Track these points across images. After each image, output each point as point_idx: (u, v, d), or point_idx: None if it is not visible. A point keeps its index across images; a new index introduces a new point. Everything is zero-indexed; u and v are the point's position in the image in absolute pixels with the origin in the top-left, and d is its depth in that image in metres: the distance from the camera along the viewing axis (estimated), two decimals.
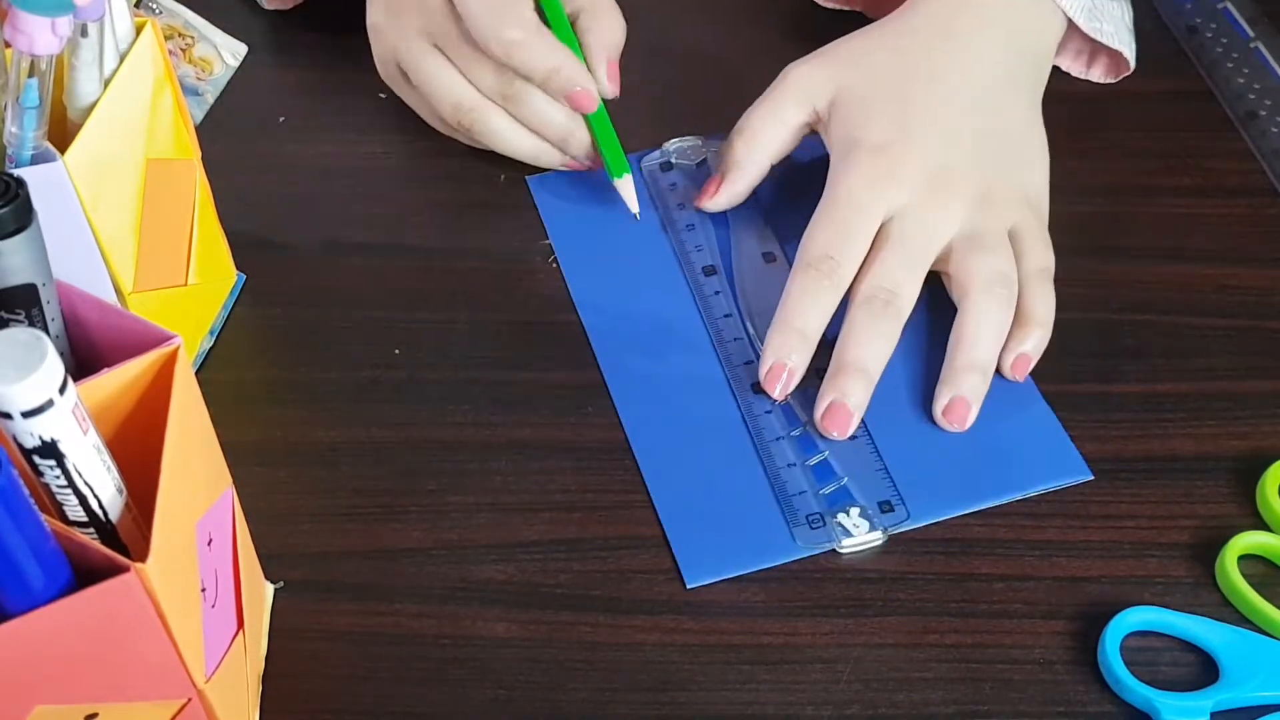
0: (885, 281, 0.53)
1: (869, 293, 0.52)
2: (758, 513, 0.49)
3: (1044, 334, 0.53)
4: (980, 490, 0.50)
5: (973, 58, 0.57)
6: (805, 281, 0.53)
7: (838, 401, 0.51)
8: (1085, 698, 0.45)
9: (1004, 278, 0.53)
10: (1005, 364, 0.53)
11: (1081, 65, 0.67)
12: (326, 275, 0.59)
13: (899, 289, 0.52)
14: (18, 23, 0.42)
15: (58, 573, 0.34)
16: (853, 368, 0.51)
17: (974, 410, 0.52)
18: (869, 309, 0.52)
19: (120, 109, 0.48)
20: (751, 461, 0.51)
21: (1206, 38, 0.69)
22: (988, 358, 0.53)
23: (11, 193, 0.36)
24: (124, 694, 0.37)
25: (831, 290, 0.53)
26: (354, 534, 0.50)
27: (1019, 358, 0.53)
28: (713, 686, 0.45)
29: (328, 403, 0.54)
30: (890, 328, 0.52)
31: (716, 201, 0.59)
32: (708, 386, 0.54)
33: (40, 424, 0.32)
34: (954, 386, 0.52)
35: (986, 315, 0.53)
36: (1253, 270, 0.58)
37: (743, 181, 0.59)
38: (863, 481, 0.50)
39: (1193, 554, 0.49)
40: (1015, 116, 0.58)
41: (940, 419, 0.52)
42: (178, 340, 0.38)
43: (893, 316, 0.52)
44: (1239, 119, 0.64)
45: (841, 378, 0.52)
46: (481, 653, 0.46)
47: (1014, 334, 0.53)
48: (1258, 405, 0.53)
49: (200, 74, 0.61)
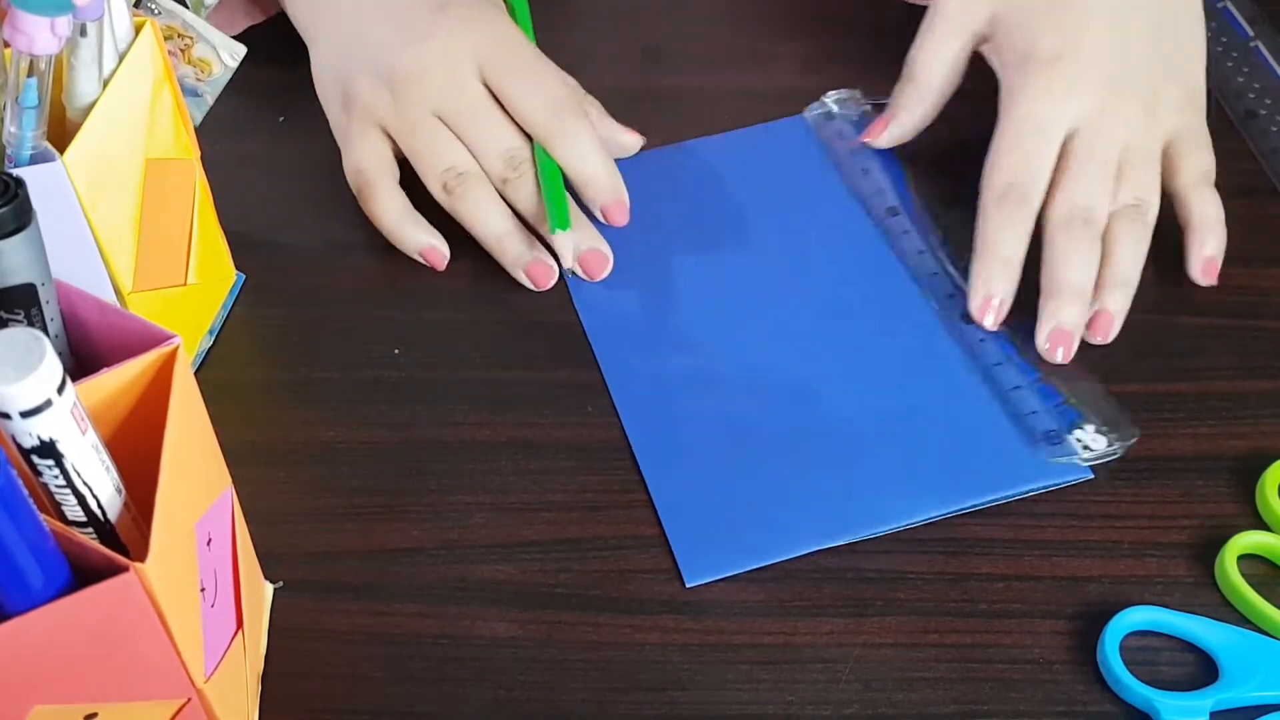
0: (1080, 200, 0.53)
1: (1067, 214, 0.53)
2: (766, 517, 0.49)
3: (1221, 234, 0.55)
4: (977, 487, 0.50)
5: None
6: (998, 213, 0.53)
7: (1057, 326, 0.52)
8: (1085, 697, 0.45)
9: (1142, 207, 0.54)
10: (1195, 270, 0.55)
11: None
12: (326, 275, 0.59)
13: (1095, 206, 0.53)
14: (17, 22, 0.42)
15: (57, 573, 0.34)
16: (1065, 290, 0.52)
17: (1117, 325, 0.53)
18: (1069, 231, 0.53)
19: (119, 109, 0.48)
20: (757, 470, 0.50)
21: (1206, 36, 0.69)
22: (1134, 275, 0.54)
23: (11, 192, 0.36)
24: (123, 694, 0.37)
25: (1026, 218, 0.53)
26: (354, 534, 0.50)
27: (1206, 262, 0.55)
28: (713, 686, 0.45)
29: (328, 403, 0.54)
30: (1092, 246, 0.53)
31: (881, 139, 0.59)
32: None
33: (39, 424, 0.32)
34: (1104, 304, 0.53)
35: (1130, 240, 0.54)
36: (1253, 270, 0.58)
37: (909, 121, 0.59)
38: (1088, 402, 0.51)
39: (1192, 554, 0.49)
40: (1175, 9, 0.57)
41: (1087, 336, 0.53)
42: (177, 340, 0.38)
43: (1093, 235, 0.53)
44: (1238, 118, 0.64)
45: (1055, 302, 0.53)
46: (481, 653, 0.46)
47: (1191, 242, 0.55)
48: (1258, 405, 0.53)
49: (199, 75, 0.61)
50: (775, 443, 0.51)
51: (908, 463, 0.50)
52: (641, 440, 0.52)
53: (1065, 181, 0.53)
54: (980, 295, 0.53)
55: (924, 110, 0.59)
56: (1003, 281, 0.53)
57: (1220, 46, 0.68)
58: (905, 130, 0.60)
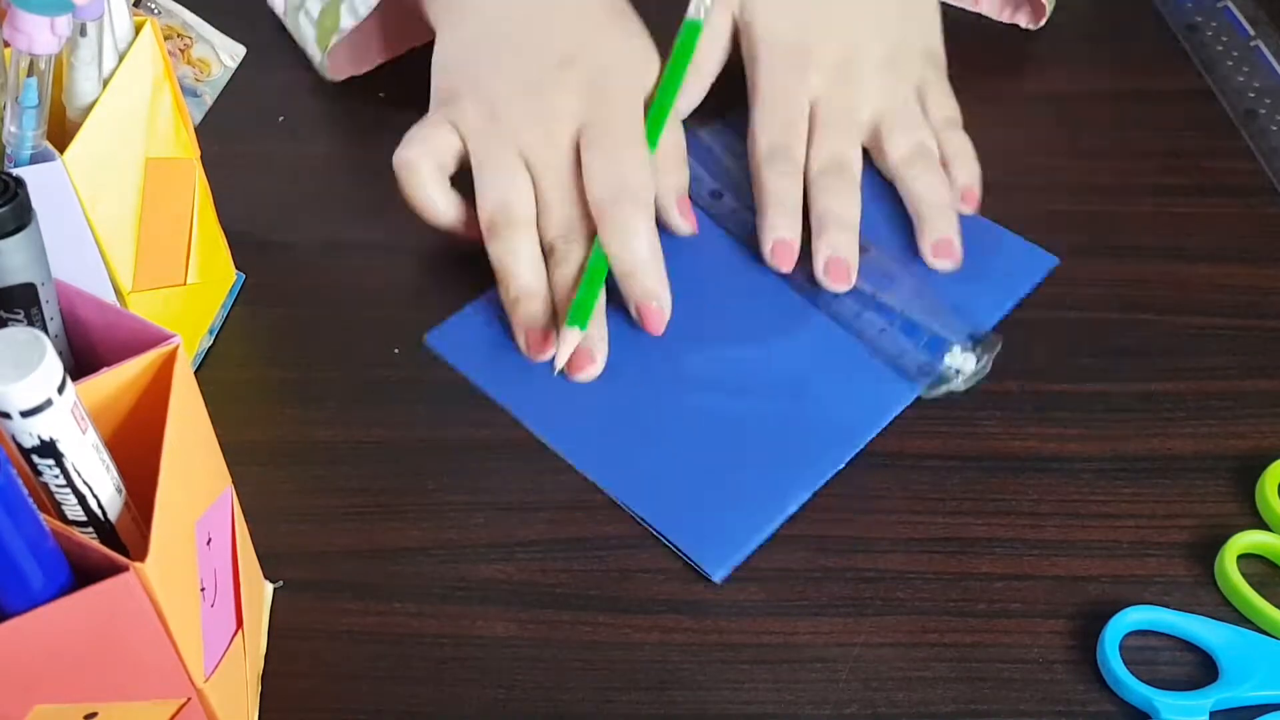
0: (828, 153, 0.58)
1: (821, 167, 0.58)
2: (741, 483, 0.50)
3: (974, 165, 0.60)
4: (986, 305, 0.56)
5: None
6: (769, 170, 0.58)
7: (833, 256, 0.56)
8: (1084, 697, 0.45)
9: (925, 148, 0.60)
10: (957, 199, 0.59)
11: (1009, 11, 0.72)
12: (326, 275, 0.59)
13: (845, 156, 0.59)
14: (17, 22, 0.42)
15: (57, 572, 0.34)
16: (833, 222, 0.57)
17: (958, 243, 0.57)
18: (825, 178, 0.58)
19: (119, 108, 0.48)
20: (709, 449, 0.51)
21: (1207, 36, 0.69)
22: (944, 199, 0.58)
23: (10, 192, 0.36)
24: (123, 693, 0.37)
25: (794, 172, 0.58)
26: (353, 533, 0.50)
27: (964, 190, 0.59)
28: (712, 686, 0.45)
29: (327, 403, 0.54)
30: (851, 188, 0.58)
31: None
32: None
33: (39, 423, 0.32)
34: (932, 229, 0.58)
35: (924, 174, 0.59)
36: (1253, 270, 0.58)
37: (688, 97, 0.62)
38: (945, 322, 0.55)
39: (1192, 553, 0.49)
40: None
41: (932, 261, 0.57)
42: (177, 340, 0.38)
43: (850, 179, 0.58)
44: (1239, 118, 0.64)
45: (827, 234, 0.57)
46: (481, 652, 0.46)
47: (950, 176, 0.59)
48: (1258, 405, 0.53)
49: (199, 75, 0.61)
50: (709, 431, 0.52)
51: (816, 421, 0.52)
52: (604, 475, 0.51)
53: (815, 145, 0.59)
54: (770, 240, 0.57)
55: (699, 88, 0.63)
56: (786, 227, 0.57)
57: (1220, 46, 0.68)
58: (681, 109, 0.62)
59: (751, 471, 0.51)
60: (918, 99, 0.61)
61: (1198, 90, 0.67)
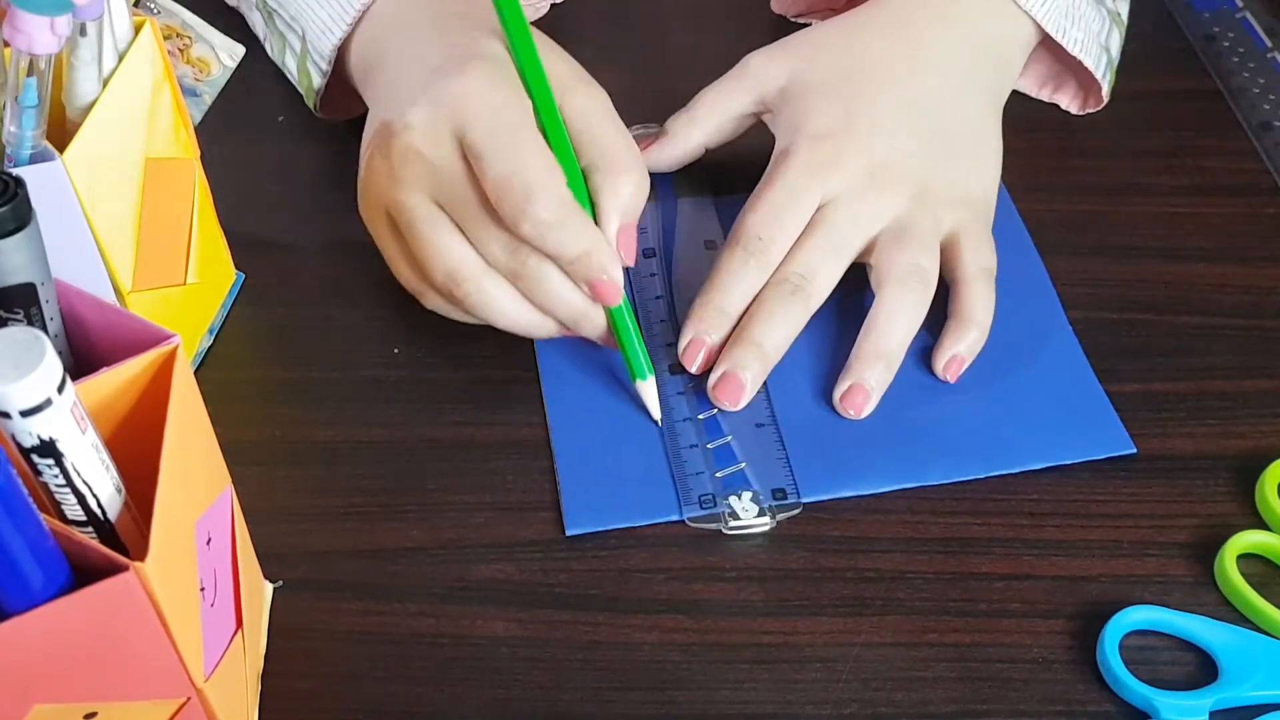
0: (802, 267, 0.53)
1: (783, 275, 0.53)
2: (652, 481, 0.50)
3: (980, 335, 0.53)
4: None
5: (928, 53, 0.57)
6: (733, 261, 0.53)
7: (730, 372, 0.52)
8: (1084, 697, 0.45)
9: (921, 271, 0.53)
10: (939, 365, 0.53)
11: (1049, 90, 0.66)
12: (326, 275, 0.59)
13: (814, 276, 0.53)
14: (17, 22, 0.42)
15: (56, 572, 0.34)
16: (751, 344, 0.52)
17: (873, 400, 0.52)
18: (779, 291, 0.53)
19: (119, 108, 0.48)
20: (655, 439, 0.52)
21: (1224, 46, 0.68)
22: (896, 348, 0.52)
23: (10, 192, 0.36)
24: (123, 693, 0.37)
25: (758, 270, 0.53)
26: (353, 533, 0.50)
27: (952, 359, 0.53)
28: (712, 686, 0.45)
29: (327, 402, 0.54)
30: (796, 312, 0.52)
31: (647, 158, 0.58)
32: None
33: (39, 423, 0.32)
34: (856, 374, 0.52)
35: (899, 307, 0.53)
36: (1253, 270, 0.58)
37: (672, 151, 0.60)
38: (761, 468, 0.51)
39: (1192, 553, 0.49)
40: (968, 117, 0.57)
41: (838, 405, 0.52)
42: (176, 339, 0.38)
43: (801, 302, 0.52)
44: (1253, 129, 0.64)
45: (738, 351, 0.52)
46: (481, 652, 0.46)
47: (950, 334, 0.53)
48: (1257, 405, 0.53)
49: (198, 74, 0.61)
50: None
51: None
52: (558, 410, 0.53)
53: (798, 248, 0.53)
54: (688, 337, 0.53)
55: (690, 144, 0.60)
56: (715, 331, 0.53)
57: (1236, 57, 0.67)
58: (665, 157, 0.60)
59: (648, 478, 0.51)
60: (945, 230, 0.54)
61: (1200, 90, 0.67)
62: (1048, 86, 0.66)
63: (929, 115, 0.56)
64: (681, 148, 0.60)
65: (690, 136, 0.59)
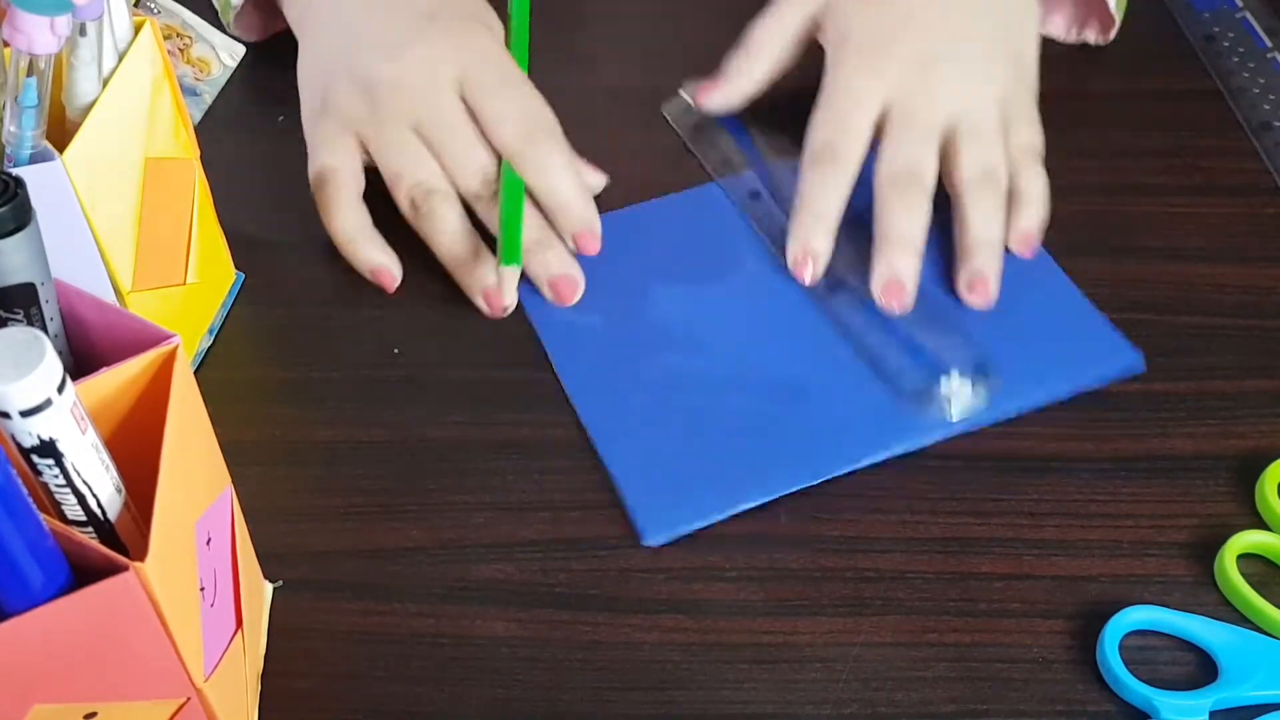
0: (904, 159, 0.55)
1: (891, 173, 0.55)
2: (718, 465, 0.50)
3: (1040, 209, 0.56)
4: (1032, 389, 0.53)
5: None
6: (814, 172, 0.55)
7: (890, 275, 0.54)
8: (1084, 697, 0.45)
9: (993, 173, 0.55)
10: (1011, 242, 0.56)
11: (1076, 29, 0.68)
12: (326, 275, 0.59)
13: (919, 164, 0.55)
14: (17, 22, 0.42)
15: (56, 572, 0.34)
16: (896, 241, 0.54)
17: (994, 284, 0.54)
18: (895, 187, 0.55)
19: (119, 108, 0.48)
20: (700, 417, 0.52)
21: (1224, 46, 0.68)
22: (995, 235, 0.55)
23: (10, 192, 0.36)
24: (123, 693, 0.37)
25: (839, 175, 0.55)
26: (353, 533, 0.50)
27: (1022, 235, 0.56)
28: (712, 685, 0.45)
29: (327, 402, 0.54)
30: (920, 200, 0.55)
31: (712, 100, 0.61)
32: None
33: (39, 423, 0.32)
34: (971, 264, 0.55)
35: (983, 203, 0.55)
36: (1253, 270, 0.58)
37: (737, 87, 0.61)
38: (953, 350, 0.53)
39: (1192, 553, 0.49)
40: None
41: (966, 297, 0.55)
42: (176, 339, 0.38)
43: (920, 190, 0.55)
44: (1253, 130, 0.64)
45: (888, 251, 0.54)
46: (481, 652, 0.46)
47: (1011, 213, 0.56)
48: (1257, 405, 0.53)
49: (198, 74, 0.61)
50: (698, 414, 0.52)
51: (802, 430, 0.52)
52: (592, 417, 0.53)
53: (886, 146, 0.56)
54: (797, 249, 0.55)
55: (753, 79, 0.61)
56: (818, 237, 0.55)
57: (1236, 57, 0.67)
58: (731, 97, 0.61)
59: (724, 460, 0.51)
60: (999, 112, 0.57)
61: (1200, 90, 0.67)
62: (1075, 26, 0.68)
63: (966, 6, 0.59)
64: (745, 83, 0.61)
65: (751, 71, 0.61)
